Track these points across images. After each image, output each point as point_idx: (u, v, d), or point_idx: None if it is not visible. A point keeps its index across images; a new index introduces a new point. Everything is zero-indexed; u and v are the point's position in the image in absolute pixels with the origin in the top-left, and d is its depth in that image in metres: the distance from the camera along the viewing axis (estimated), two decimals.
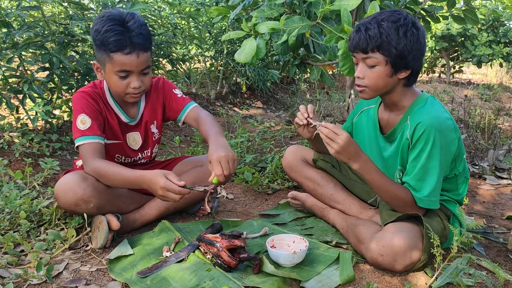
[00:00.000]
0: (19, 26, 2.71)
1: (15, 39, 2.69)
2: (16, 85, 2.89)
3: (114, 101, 1.80)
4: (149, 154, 1.96)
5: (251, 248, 1.63)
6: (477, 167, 2.85)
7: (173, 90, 1.92)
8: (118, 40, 1.57)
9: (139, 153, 1.93)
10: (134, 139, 1.88)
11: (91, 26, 2.98)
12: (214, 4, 3.28)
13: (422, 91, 1.59)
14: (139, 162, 1.95)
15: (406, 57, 1.43)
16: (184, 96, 1.93)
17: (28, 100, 2.76)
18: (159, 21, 4.02)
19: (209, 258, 1.52)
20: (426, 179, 1.48)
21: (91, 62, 1.72)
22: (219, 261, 1.47)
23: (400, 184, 1.57)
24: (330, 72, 2.83)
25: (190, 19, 4.30)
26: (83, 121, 1.67)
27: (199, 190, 1.53)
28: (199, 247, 1.58)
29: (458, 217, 1.61)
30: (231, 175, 1.53)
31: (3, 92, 2.70)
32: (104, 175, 1.63)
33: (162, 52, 3.88)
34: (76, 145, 1.67)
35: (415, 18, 1.46)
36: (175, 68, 4.20)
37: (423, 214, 1.52)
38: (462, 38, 8.44)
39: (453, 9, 2.36)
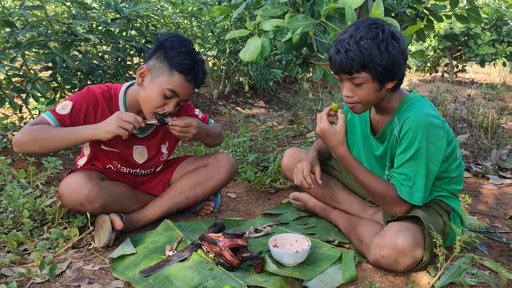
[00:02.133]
0: (22, 26, 2.71)
1: (18, 38, 2.70)
2: (19, 84, 2.90)
3: (125, 110, 1.78)
4: (151, 170, 1.97)
5: (253, 247, 1.63)
6: (480, 166, 2.84)
7: (194, 112, 1.97)
8: (189, 65, 1.64)
9: (140, 168, 1.91)
10: (140, 153, 1.87)
11: (94, 26, 3.01)
12: (216, 3, 3.27)
13: (411, 91, 1.60)
14: (138, 174, 1.95)
15: (392, 70, 1.42)
16: (203, 114, 2.00)
17: (31, 99, 2.77)
18: (162, 20, 4.03)
19: (211, 257, 1.52)
20: (410, 173, 1.48)
21: (140, 66, 1.72)
22: (221, 260, 1.47)
23: (384, 180, 1.58)
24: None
25: (193, 18, 4.30)
26: (64, 107, 1.65)
27: (152, 122, 1.72)
28: (202, 246, 1.58)
29: (459, 213, 1.62)
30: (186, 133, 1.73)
31: (7, 91, 2.71)
32: (44, 133, 1.56)
33: None
34: (41, 114, 1.66)
35: (392, 27, 1.44)
36: None
37: (420, 213, 1.50)
38: (465, 37, 8.41)
39: (456, 8, 2.35)
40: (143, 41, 3.38)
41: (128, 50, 3.23)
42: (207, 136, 1.91)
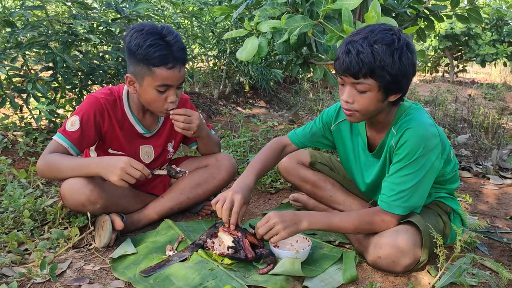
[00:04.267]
0: (23, 26, 2.72)
1: (19, 38, 2.70)
2: (20, 85, 2.90)
3: (130, 112, 1.78)
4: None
5: None
6: (481, 166, 2.84)
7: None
8: (162, 55, 1.56)
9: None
10: (147, 153, 1.87)
11: (94, 26, 3.01)
12: (217, 3, 3.27)
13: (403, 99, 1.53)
14: None
15: (400, 82, 1.33)
16: (206, 123, 1.98)
17: (32, 99, 2.77)
18: (162, 20, 4.02)
19: (216, 253, 1.54)
20: (399, 184, 1.43)
21: (125, 75, 1.68)
22: (237, 248, 1.48)
23: (359, 210, 1.59)
24: (333, 72, 2.82)
25: (193, 18, 4.30)
26: (72, 123, 1.65)
27: (161, 174, 1.67)
28: (205, 243, 1.60)
29: (459, 213, 1.62)
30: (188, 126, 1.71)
31: (7, 91, 2.71)
32: (55, 164, 1.60)
33: None
34: (53, 137, 1.68)
35: (408, 37, 1.34)
36: None
37: (414, 217, 1.47)
38: (466, 37, 8.42)
39: (456, 8, 2.35)
40: None
41: None
42: (208, 137, 1.91)
